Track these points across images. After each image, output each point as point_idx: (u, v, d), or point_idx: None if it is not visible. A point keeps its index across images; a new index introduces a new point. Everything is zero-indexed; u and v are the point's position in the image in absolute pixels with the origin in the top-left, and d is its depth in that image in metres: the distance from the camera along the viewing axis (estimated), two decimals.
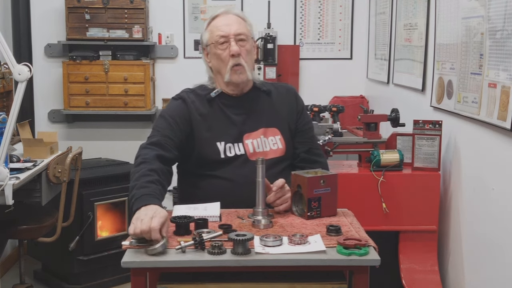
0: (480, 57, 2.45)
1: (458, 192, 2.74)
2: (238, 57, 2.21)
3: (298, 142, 2.34)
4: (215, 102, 2.28)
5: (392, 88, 3.87)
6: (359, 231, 1.89)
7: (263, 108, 2.32)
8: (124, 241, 1.77)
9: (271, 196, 2.07)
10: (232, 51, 2.21)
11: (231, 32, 2.23)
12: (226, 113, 2.27)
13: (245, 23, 2.30)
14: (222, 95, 2.30)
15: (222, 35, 2.23)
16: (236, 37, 2.23)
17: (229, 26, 2.24)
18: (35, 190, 3.13)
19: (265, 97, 2.34)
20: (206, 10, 4.52)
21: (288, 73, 4.45)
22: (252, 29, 2.33)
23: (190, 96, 2.30)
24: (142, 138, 2.29)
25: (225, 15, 2.29)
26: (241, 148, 2.23)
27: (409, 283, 2.82)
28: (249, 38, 2.27)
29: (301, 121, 2.37)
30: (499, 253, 2.33)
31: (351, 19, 4.62)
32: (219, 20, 2.28)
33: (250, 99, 2.31)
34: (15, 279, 3.66)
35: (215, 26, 2.27)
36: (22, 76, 2.59)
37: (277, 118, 2.31)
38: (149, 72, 4.30)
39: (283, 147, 2.28)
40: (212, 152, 2.21)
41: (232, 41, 2.22)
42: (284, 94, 2.38)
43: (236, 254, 1.68)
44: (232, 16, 2.29)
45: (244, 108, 2.29)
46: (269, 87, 2.38)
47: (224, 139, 2.23)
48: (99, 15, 4.22)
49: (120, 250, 1.74)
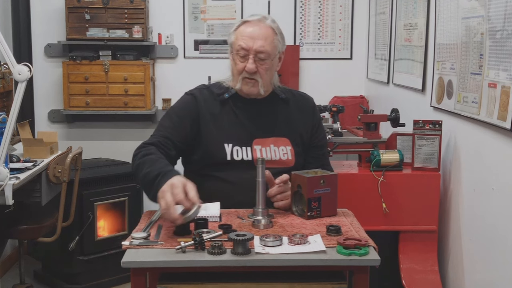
0: (480, 57, 2.45)
1: (458, 192, 2.74)
2: (253, 74, 2.16)
3: (311, 157, 2.31)
4: (228, 103, 2.26)
5: (392, 88, 3.87)
6: (359, 231, 1.89)
7: (277, 116, 2.28)
8: (124, 241, 1.77)
9: (273, 189, 2.06)
10: (247, 68, 2.16)
11: (253, 47, 2.14)
12: (237, 115, 2.24)
13: (274, 37, 2.20)
14: (236, 96, 2.26)
15: (243, 47, 2.16)
16: (256, 54, 2.15)
17: (253, 40, 2.15)
18: (35, 190, 3.13)
19: (282, 105, 2.30)
20: (206, 10, 4.52)
21: (288, 73, 4.45)
22: (281, 43, 2.23)
23: (203, 93, 2.27)
24: (142, 138, 2.29)
25: (255, 24, 2.19)
26: (249, 154, 2.19)
27: (409, 283, 2.82)
28: (271, 56, 2.18)
29: (317, 136, 2.33)
30: (499, 253, 2.33)
31: (351, 19, 4.62)
32: (247, 28, 2.19)
33: (265, 104, 2.27)
34: (15, 279, 3.66)
35: (241, 33, 2.19)
36: (22, 76, 2.59)
37: (290, 129, 2.27)
38: (149, 72, 4.30)
39: (292, 159, 2.24)
40: (218, 153, 2.18)
41: (250, 58, 2.15)
42: (302, 105, 2.34)
43: (236, 254, 1.68)
44: (262, 27, 2.18)
45: (257, 113, 2.25)
46: (288, 95, 2.32)
47: (233, 141, 2.19)
48: (99, 15, 4.22)
49: (120, 250, 1.74)
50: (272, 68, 2.23)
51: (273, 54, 2.20)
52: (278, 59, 2.28)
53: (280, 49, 2.25)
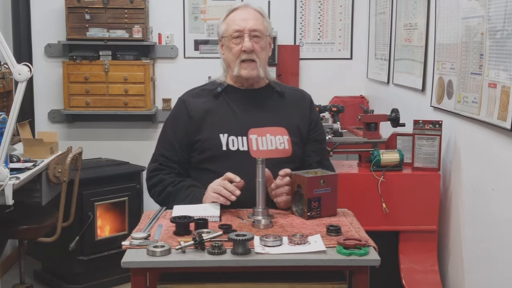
0: (480, 57, 2.45)
1: (458, 192, 2.74)
2: (250, 53, 2.20)
3: (311, 151, 2.31)
4: (221, 96, 2.28)
5: (392, 88, 3.87)
6: (359, 231, 1.88)
7: (272, 108, 2.29)
8: (124, 241, 1.77)
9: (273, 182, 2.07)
10: (244, 47, 2.19)
11: (247, 27, 2.20)
12: (231, 106, 2.25)
13: (263, 19, 2.27)
14: (230, 88, 2.29)
15: (237, 29, 2.21)
16: (250, 33, 2.21)
17: (246, 21, 2.22)
18: (35, 190, 3.13)
19: (277, 98, 2.31)
20: (206, 10, 4.52)
21: (288, 73, 4.45)
22: (269, 26, 2.31)
23: (193, 94, 2.32)
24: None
25: (243, 9, 2.27)
26: (245, 143, 2.19)
27: (409, 283, 2.82)
28: (264, 35, 2.24)
29: (315, 131, 2.34)
30: (499, 253, 2.33)
31: (351, 19, 4.62)
32: (237, 14, 2.26)
33: (260, 96, 2.30)
34: (15, 279, 3.66)
35: (232, 19, 2.25)
36: (22, 76, 2.59)
37: (286, 120, 2.27)
38: (149, 72, 4.30)
39: (289, 148, 2.23)
40: (214, 144, 2.19)
41: (246, 37, 2.20)
42: (298, 99, 2.36)
43: (236, 254, 1.68)
44: (251, 10, 2.27)
45: (251, 104, 2.27)
46: (284, 89, 2.34)
47: (228, 131, 2.20)
48: (99, 15, 4.22)
49: (120, 250, 1.74)
50: (266, 49, 2.27)
51: (265, 33, 2.25)
52: (270, 45, 2.32)
53: (270, 32, 2.30)
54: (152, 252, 1.68)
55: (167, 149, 2.28)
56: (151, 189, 2.28)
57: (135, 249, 1.73)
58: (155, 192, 2.25)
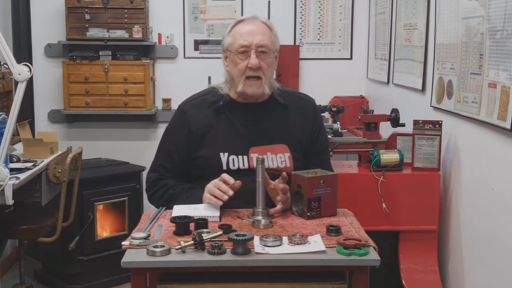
0: (480, 57, 2.45)
1: (458, 192, 2.74)
2: (256, 70, 2.13)
3: (311, 163, 2.22)
4: (223, 111, 2.21)
5: (392, 88, 3.87)
6: (359, 231, 1.89)
7: (275, 122, 2.23)
8: (124, 241, 1.77)
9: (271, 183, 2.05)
10: (250, 63, 2.12)
11: (254, 42, 2.13)
12: (233, 123, 2.20)
13: (271, 32, 2.19)
14: (232, 103, 2.22)
15: (244, 44, 2.13)
16: (257, 49, 2.13)
17: (253, 36, 2.13)
18: (35, 190, 3.13)
19: (281, 111, 2.24)
20: (206, 10, 4.52)
21: (288, 73, 4.45)
22: (277, 40, 2.23)
23: (194, 104, 2.25)
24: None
25: (250, 22, 2.19)
26: (246, 162, 2.15)
27: (409, 283, 2.82)
28: (271, 51, 2.17)
29: (317, 141, 2.28)
30: (499, 253, 2.33)
31: (351, 19, 4.62)
32: (244, 26, 2.18)
33: (263, 110, 2.23)
34: (15, 279, 3.66)
35: (238, 32, 2.17)
36: (22, 76, 2.59)
37: (288, 135, 2.21)
38: (149, 72, 4.30)
39: (291, 166, 2.18)
40: (214, 163, 2.15)
41: (252, 53, 2.12)
42: (302, 109, 2.28)
43: (236, 254, 1.68)
44: (258, 24, 2.18)
45: (253, 119, 2.21)
46: (287, 101, 2.26)
47: (228, 150, 2.16)
48: (99, 15, 4.22)
49: (120, 250, 1.74)
50: (272, 65, 2.21)
51: (272, 49, 2.18)
52: (276, 59, 2.26)
53: (277, 46, 2.23)
54: (152, 252, 1.68)
55: (167, 161, 2.26)
56: (151, 197, 2.27)
57: (135, 249, 1.73)
58: (156, 196, 2.24)
